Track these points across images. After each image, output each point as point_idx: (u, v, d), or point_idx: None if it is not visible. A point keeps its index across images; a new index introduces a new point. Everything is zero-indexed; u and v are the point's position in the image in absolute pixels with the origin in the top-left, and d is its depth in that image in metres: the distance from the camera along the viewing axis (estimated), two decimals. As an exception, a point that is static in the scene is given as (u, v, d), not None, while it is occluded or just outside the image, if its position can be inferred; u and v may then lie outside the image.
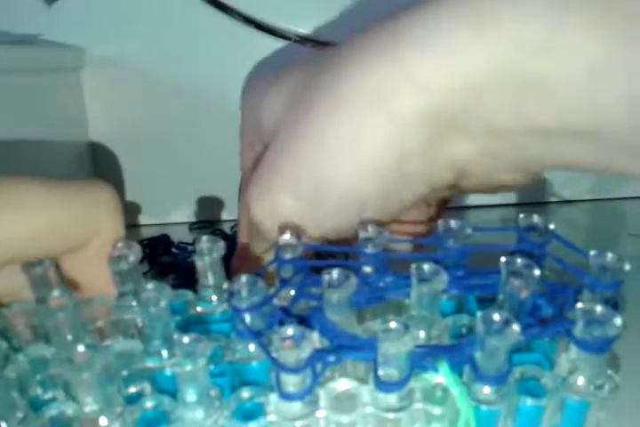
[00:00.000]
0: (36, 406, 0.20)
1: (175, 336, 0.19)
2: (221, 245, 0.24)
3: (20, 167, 0.41)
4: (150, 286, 0.21)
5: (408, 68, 0.22)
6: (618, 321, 0.18)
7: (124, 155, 0.53)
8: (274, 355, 0.18)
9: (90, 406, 0.19)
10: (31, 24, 0.48)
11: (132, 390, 0.21)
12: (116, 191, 0.24)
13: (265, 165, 0.27)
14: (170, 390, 0.20)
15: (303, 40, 0.50)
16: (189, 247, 0.46)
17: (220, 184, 0.54)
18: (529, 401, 0.20)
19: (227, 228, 0.50)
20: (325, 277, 0.21)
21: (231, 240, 0.46)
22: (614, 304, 0.21)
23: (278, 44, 0.50)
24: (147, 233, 0.49)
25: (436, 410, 0.20)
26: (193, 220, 0.55)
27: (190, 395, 0.19)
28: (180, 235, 0.49)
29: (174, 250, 0.46)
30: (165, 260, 0.45)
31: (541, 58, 0.19)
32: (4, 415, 0.19)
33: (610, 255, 0.22)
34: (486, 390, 0.19)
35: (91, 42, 0.50)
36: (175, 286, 0.24)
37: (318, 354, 0.19)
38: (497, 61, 0.20)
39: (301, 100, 0.25)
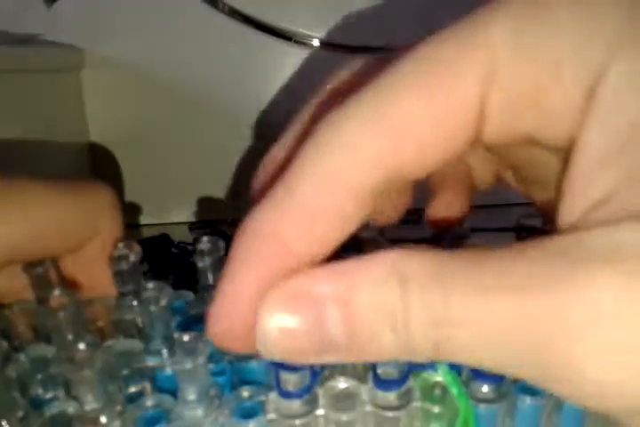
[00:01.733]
0: (37, 405, 0.20)
1: (175, 335, 0.19)
2: (222, 245, 0.24)
3: (20, 167, 0.41)
4: (151, 285, 0.21)
5: None
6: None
7: (123, 154, 0.54)
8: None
9: (90, 404, 0.19)
10: (31, 24, 0.48)
11: (133, 389, 0.21)
12: (115, 191, 0.24)
13: None
14: (170, 389, 0.21)
15: (303, 40, 0.50)
16: (189, 247, 0.46)
17: (220, 184, 0.54)
18: (527, 400, 0.20)
19: (227, 228, 0.51)
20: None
21: (230, 241, 0.46)
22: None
23: (278, 44, 0.50)
24: (147, 233, 0.49)
25: (435, 409, 0.20)
26: (193, 220, 0.55)
27: (190, 393, 0.19)
28: (179, 235, 0.49)
29: (174, 250, 0.47)
30: (165, 260, 0.45)
31: None
32: (5, 414, 0.19)
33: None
34: (485, 388, 0.19)
35: (91, 42, 0.50)
36: (175, 286, 0.24)
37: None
38: None
39: None
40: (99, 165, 0.53)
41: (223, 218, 0.55)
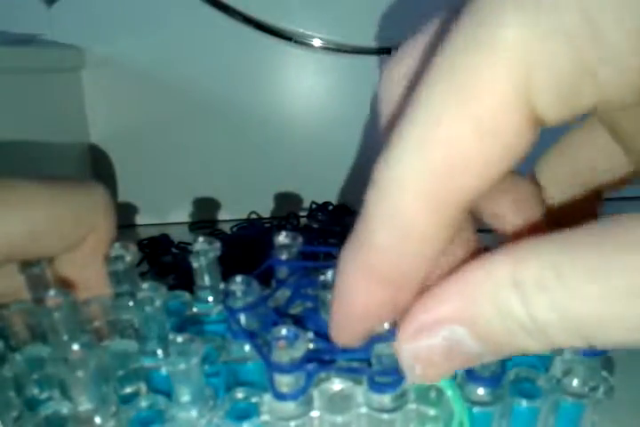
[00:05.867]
0: (32, 405, 0.20)
1: (170, 336, 0.19)
2: (217, 245, 0.24)
3: (20, 167, 0.41)
4: (146, 285, 0.21)
5: None
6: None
7: (123, 154, 0.54)
8: (267, 355, 0.18)
9: (84, 405, 0.19)
10: (31, 24, 0.48)
11: (128, 390, 0.21)
12: (109, 191, 0.24)
13: None
14: (165, 390, 0.20)
15: (303, 40, 0.50)
16: (189, 247, 0.46)
17: (219, 184, 0.54)
18: (523, 403, 0.20)
19: (226, 228, 0.50)
20: (320, 277, 0.21)
21: (230, 240, 0.46)
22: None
23: (278, 44, 0.50)
24: (146, 233, 0.49)
25: (431, 411, 0.20)
26: (192, 220, 0.55)
27: (184, 394, 0.19)
28: (179, 235, 0.49)
29: (174, 250, 0.46)
30: (165, 260, 0.45)
31: None
32: (0, 414, 0.19)
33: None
34: (480, 391, 0.19)
35: (91, 42, 0.50)
36: (175, 287, 0.24)
37: (312, 354, 0.19)
38: None
39: None
40: (98, 165, 0.53)
41: (223, 218, 0.55)
